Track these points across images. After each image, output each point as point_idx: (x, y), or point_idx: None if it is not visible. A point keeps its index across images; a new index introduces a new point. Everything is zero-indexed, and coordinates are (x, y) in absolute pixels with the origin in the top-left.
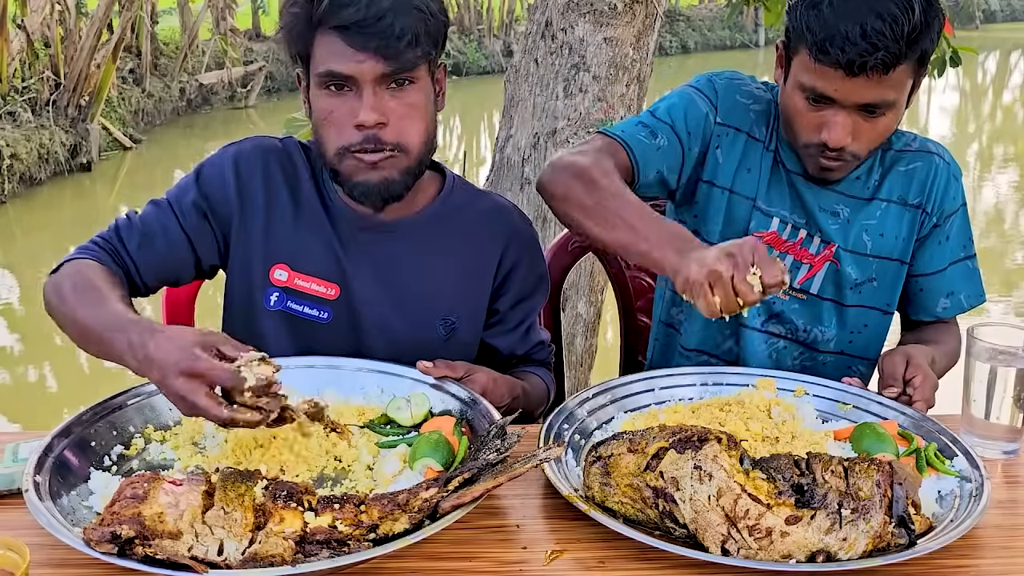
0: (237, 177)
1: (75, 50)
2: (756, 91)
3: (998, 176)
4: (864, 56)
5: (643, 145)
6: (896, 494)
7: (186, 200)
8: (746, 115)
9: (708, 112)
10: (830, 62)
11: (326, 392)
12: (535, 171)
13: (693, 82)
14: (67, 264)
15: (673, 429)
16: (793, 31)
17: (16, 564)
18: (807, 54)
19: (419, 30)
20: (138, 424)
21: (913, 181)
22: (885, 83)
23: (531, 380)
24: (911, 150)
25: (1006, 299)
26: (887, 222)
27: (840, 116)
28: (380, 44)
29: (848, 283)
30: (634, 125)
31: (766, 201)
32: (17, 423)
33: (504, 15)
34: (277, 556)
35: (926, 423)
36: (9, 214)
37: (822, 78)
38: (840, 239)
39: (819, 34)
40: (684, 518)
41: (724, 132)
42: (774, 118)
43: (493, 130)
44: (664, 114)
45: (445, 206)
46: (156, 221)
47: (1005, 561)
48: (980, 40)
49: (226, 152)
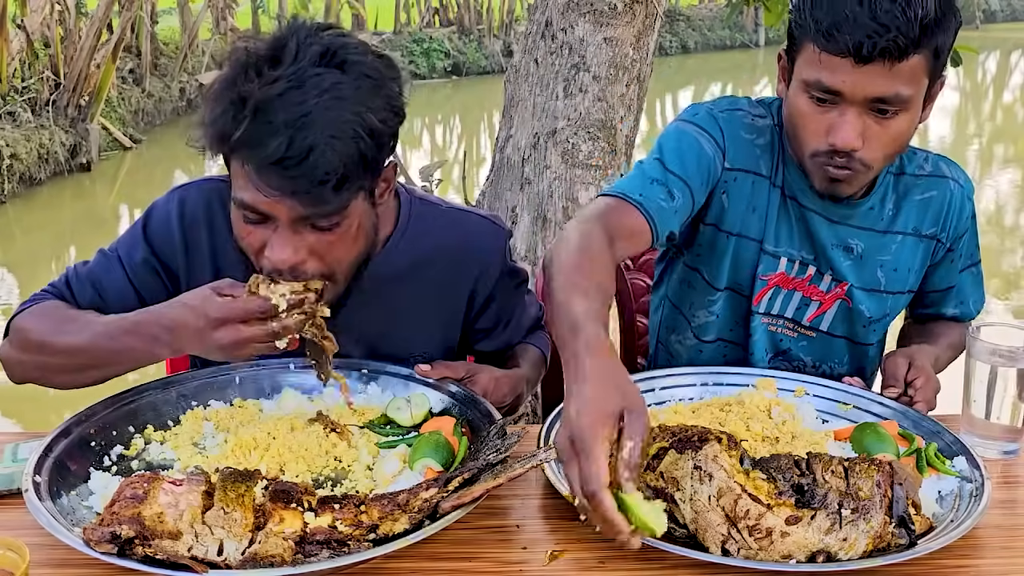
0: (182, 226)
1: (75, 50)
2: (757, 120)
3: (998, 176)
4: (874, 37)
5: (663, 212)
6: (896, 494)
7: (136, 257)
8: (752, 153)
9: (715, 156)
10: (838, 49)
11: (326, 392)
12: (535, 171)
13: (693, 117)
14: (20, 315)
15: (673, 429)
16: (798, 26)
17: (16, 564)
18: (813, 47)
19: (352, 165)
20: (138, 424)
21: (928, 211)
22: (897, 74)
23: (528, 357)
24: (925, 175)
25: (1006, 299)
26: (902, 256)
27: (849, 114)
28: (299, 188)
29: (862, 320)
30: (650, 184)
31: (773, 241)
32: (17, 423)
33: (504, 15)
34: (277, 556)
35: (926, 423)
36: (9, 214)
37: (829, 69)
38: (853, 277)
39: (825, 21)
40: (684, 518)
41: (732, 177)
42: (779, 147)
43: (493, 130)
44: (676, 165)
45: (405, 240)
46: (106, 276)
47: (1005, 561)
48: (980, 40)
49: (172, 198)
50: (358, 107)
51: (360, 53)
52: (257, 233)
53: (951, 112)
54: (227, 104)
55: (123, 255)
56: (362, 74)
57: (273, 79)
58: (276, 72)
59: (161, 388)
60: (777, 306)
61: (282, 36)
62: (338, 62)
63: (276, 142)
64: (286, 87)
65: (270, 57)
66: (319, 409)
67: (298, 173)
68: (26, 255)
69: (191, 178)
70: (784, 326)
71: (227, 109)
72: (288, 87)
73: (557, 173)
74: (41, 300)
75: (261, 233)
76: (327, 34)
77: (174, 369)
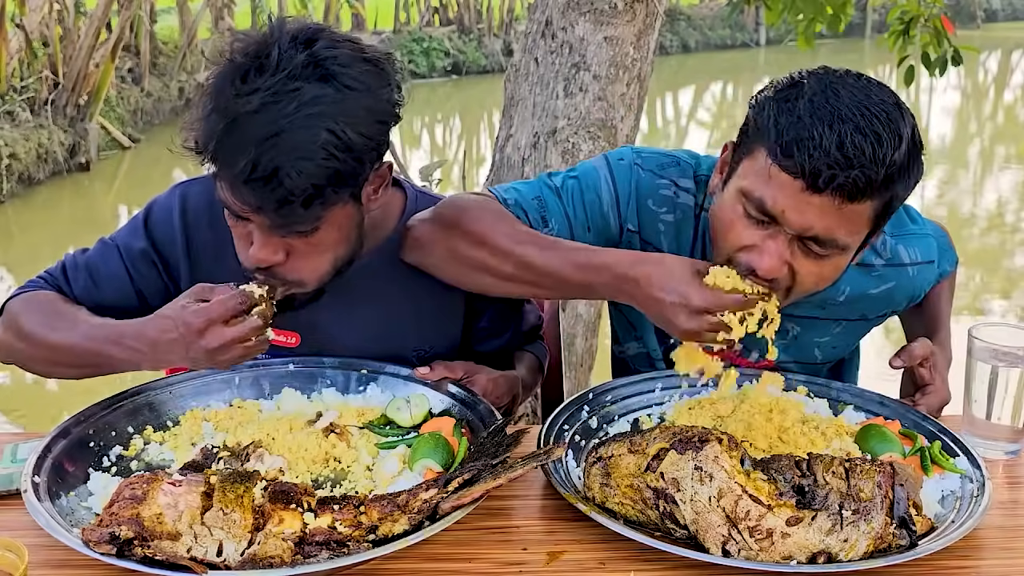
0: (184, 221)
1: (74, 49)
2: (678, 196)
3: (999, 176)
4: (834, 168)
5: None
6: (897, 495)
7: (135, 248)
8: (654, 228)
9: (611, 214)
10: (792, 167)
11: (326, 392)
12: (535, 170)
13: (615, 163)
14: (14, 299)
15: (673, 429)
16: (754, 127)
17: (15, 565)
18: (765, 154)
19: (324, 181)
20: (137, 425)
21: (882, 301)
22: (843, 216)
23: (525, 362)
24: (881, 264)
25: (1006, 299)
26: (845, 337)
27: (779, 241)
28: (266, 206)
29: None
30: (532, 199)
31: None
32: (17, 423)
33: (504, 14)
34: (276, 557)
35: (927, 424)
36: (8, 213)
37: (774, 188)
38: (784, 355)
39: (788, 133)
40: (685, 519)
41: (628, 240)
42: (699, 228)
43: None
44: (568, 201)
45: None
46: (104, 265)
47: (1006, 562)
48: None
49: (173, 194)
50: (335, 122)
51: (346, 62)
52: (242, 228)
53: (952, 112)
54: (210, 111)
55: (122, 245)
56: (345, 85)
57: (252, 90)
58: (256, 83)
59: (160, 388)
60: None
61: (267, 42)
62: (321, 73)
63: (244, 161)
64: (261, 102)
65: (255, 65)
66: (319, 410)
67: (264, 192)
68: (25, 254)
69: (191, 177)
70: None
71: (205, 118)
72: (264, 101)
73: None
74: (36, 288)
75: (245, 227)
76: (317, 39)
77: (173, 370)
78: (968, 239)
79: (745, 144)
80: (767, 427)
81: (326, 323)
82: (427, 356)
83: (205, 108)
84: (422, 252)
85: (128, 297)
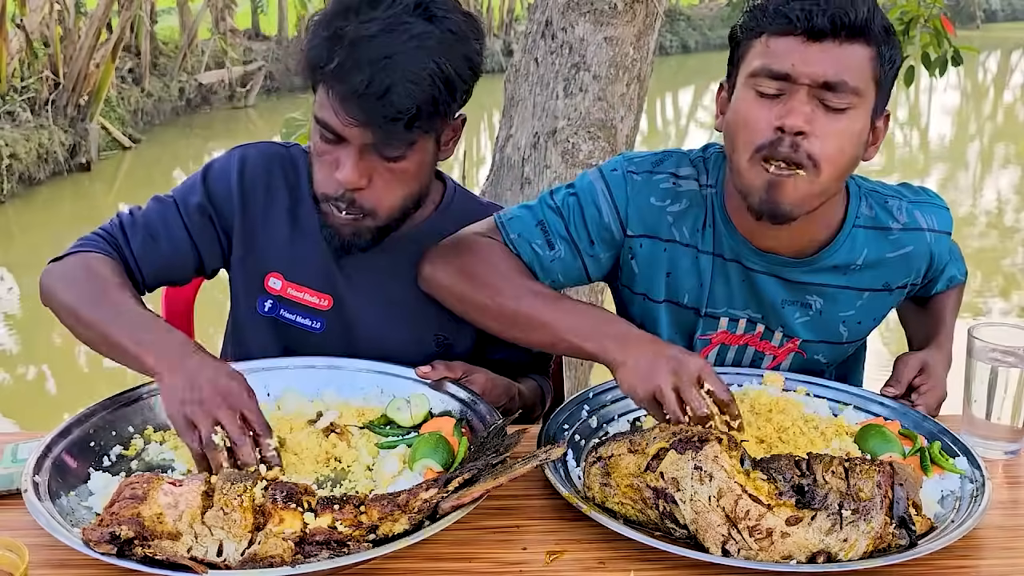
0: (241, 181)
1: (74, 50)
2: (679, 185)
3: (999, 176)
4: (824, 6)
5: (535, 256)
6: (897, 495)
7: (192, 201)
8: (660, 220)
9: (611, 223)
10: (787, 25)
11: (326, 392)
12: (535, 171)
13: (610, 174)
14: (73, 256)
15: (673, 429)
16: (742, 31)
17: (15, 565)
18: (762, 39)
19: (425, 107)
20: (137, 424)
21: (903, 266)
22: (846, 58)
23: (527, 383)
24: (899, 228)
25: (1006, 299)
26: (867, 310)
27: (799, 96)
28: (372, 120)
29: (819, 367)
30: (534, 226)
31: (710, 304)
32: (17, 423)
33: (504, 15)
34: (277, 557)
35: (927, 424)
36: (8, 214)
37: (777, 54)
38: (809, 333)
39: (777, 7)
40: (684, 519)
41: (637, 243)
42: (710, 211)
43: (493, 130)
44: (568, 218)
45: (443, 218)
46: (160, 221)
47: (1006, 562)
48: (981, 39)
49: (232, 155)
50: (438, 57)
51: (449, 9)
52: (331, 152)
53: (952, 112)
54: (323, 38)
55: (180, 200)
56: (448, 29)
57: (369, 19)
58: (372, 14)
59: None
60: (729, 360)
61: None
62: (429, 15)
63: (359, 77)
64: (378, 29)
65: (369, 1)
66: (319, 410)
67: (374, 107)
68: (25, 255)
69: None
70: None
71: (322, 42)
72: (380, 30)
73: (557, 173)
74: (94, 246)
75: (335, 152)
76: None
77: None
78: (968, 239)
79: (736, 56)
80: (767, 427)
81: (355, 295)
82: (446, 345)
83: (318, 35)
84: (431, 289)
85: (185, 252)
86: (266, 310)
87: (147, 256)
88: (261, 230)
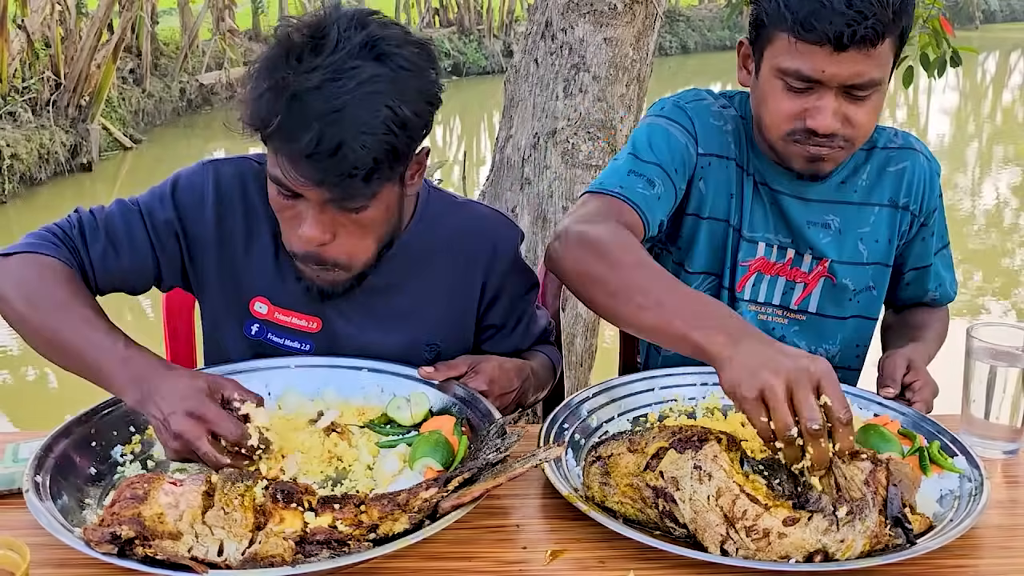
0: (218, 204)
1: (75, 50)
2: (723, 110)
3: (998, 176)
4: (852, 25)
5: (647, 200)
6: (891, 494)
7: (159, 216)
8: (723, 138)
9: (688, 143)
10: (816, 38)
11: (326, 392)
12: (535, 171)
13: (660, 111)
14: (21, 257)
15: (673, 429)
16: (767, 16)
17: (16, 564)
18: (787, 36)
19: (383, 156)
20: (138, 424)
21: (903, 182)
22: (872, 59)
23: (537, 359)
24: (896, 147)
25: (1006, 299)
26: (881, 227)
27: (826, 99)
28: (327, 179)
29: (847, 295)
30: (627, 175)
31: (749, 227)
32: (17, 423)
33: (504, 15)
34: (277, 556)
35: (925, 423)
36: (9, 214)
37: (807, 58)
38: (834, 252)
39: (801, 11)
40: (684, 518)
41: (706, 162)
42: (745, 136)
43: (493, 130)
44: (649, 155)
45: (421, 225)
46: (124, 230)
47: (1004, 561)
48: (980, 40)
49: (206, 172)
50: (392, 100)
51: (399, 43)
52: (291, 208)
53: (951, 112)
54: (265, 89)
55: (146, 212)
56: (399, 66)
57: (312, 67)
58: (316, 61)
59: None
60: (762, 293)
61: (324, 23)
62: (377, 53)
63: (308, 136)
64: (323, 79)
65: (312, 45)
66: (320, 409)
67: (327, 165)
68: None
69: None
70: (773, 314)
71: (264, 94)
72: (325, 79)
73: (557, 173)
74: (46, 244)
75: (294, 208)
76: (370, 22)
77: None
78: (967, 239)
79: (762, 33)
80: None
81: (343, 315)
82: (438, 352)
83: (259, 86)
84: (555, 268)
85: (146, 266)
86: (253, 333)
87: (105, 265)
88: (243, 258)
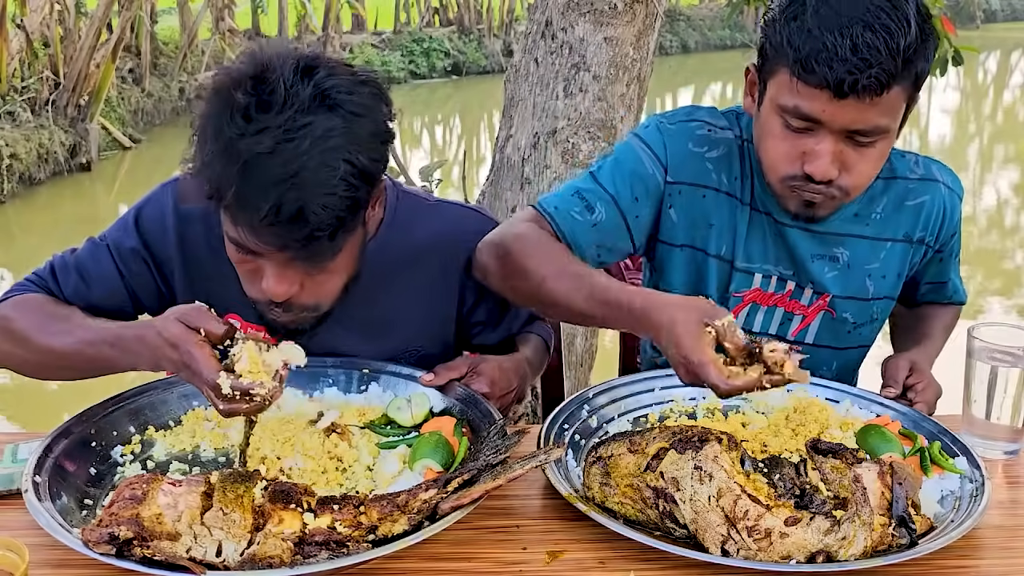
0: (179, 224)
1: (74, 50)
2: (715, 132)
3: (998, 176)
4: (855, 74)
5: (576, 225)
6: (896, 494)
7: (125, 245)
8: (701, 167)
9: (655, 172)
10: (816, 81)
11: (326, 392)
12: (535, 171)
13: (643, 131)
14: (7, 302)
15: (673, 429)
16: (771, 48)
17: (15, 564)
18: (788, 73)
19: (345, 213)
20: (138, 424)
21: (920, 217)
22: (877, 107)
23: (530, 344)
24: (916, 178)
25: (1006, 299)
26: (891, 262)
27: (825, 144)
28: (291, 245)
29: (846, 327)
30: (570, 196)
31: (744, 258)
32: (17, 423)
33: (504, 15)
34: (276, 557)
35: (927, 424)
36: (8, 214)
37: (807, 98)
38: (838, 288)
39: (803, 50)
40: (684, 518)
41: (676, 190)
42: (747, 161)
43: (493, 130)
44: (608, 180)
45: (394, 231)
46: (93, 264)
47: (1005, 561)
48: (981, 40)
49: (165, 192)
50: (349, 151)
51: (349, 89)
52: (250, 263)
53: (951, 112)
54: (214, 154)
55: (112, 243)
56: (351, 112)
57: (262, 128)
58: (265, 119)
59: (163, 388)
60: (758, 323)
61: (267, 75)
62: (328, 104)
63: (267, 205)
64: (275, 141)
65: (257, 101)
66: (320, 409)
67: (289, 231)
68: (26, 255)
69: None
70: None
71: (214, 161)
72: (278, 140)
73: (557, 173)
74: (26, 290)
75: (254, 262)
76: (316, 69)
77: None
78: (968, 239)
79: (766, 65)
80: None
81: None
82: (420, 356)
83: (207, 151)
84: (483, 277)
85: (120, 297)
86: None
87: (80, 300)
88: (211, 274)
